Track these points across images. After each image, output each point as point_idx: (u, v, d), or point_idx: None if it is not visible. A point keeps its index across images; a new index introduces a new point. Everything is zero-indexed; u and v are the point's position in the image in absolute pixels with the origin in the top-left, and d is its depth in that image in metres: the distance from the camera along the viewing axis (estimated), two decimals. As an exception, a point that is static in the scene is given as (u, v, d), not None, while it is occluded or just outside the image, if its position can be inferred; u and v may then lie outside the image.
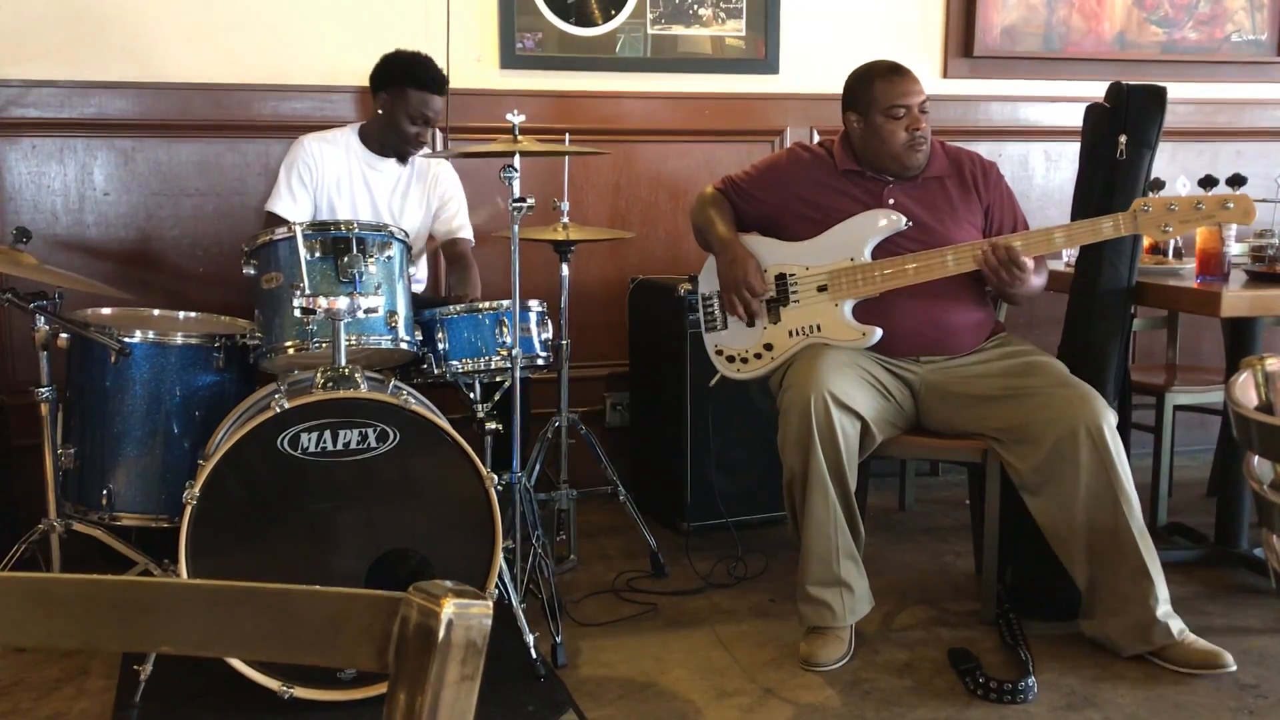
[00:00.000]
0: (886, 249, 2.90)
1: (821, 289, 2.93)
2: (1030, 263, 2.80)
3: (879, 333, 2.87)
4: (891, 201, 2.95)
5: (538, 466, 3.29)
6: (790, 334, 2.95)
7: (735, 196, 3.10)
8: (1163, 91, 3.06)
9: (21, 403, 3.12)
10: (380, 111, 3.30)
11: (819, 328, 2.92)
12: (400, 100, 3.24)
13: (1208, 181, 3.16)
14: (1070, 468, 2.66)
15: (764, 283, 2.95)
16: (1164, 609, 2.68)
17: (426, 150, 3.50)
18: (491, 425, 2.82)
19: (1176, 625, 2.68)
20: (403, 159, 3.35)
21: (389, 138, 3.31)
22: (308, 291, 2.49)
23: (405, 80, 3.24)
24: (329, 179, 3.31)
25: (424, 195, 3.43)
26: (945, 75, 4.24)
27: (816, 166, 3.05)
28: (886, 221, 2.90)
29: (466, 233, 3.47)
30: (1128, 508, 2.66)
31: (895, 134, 2.91)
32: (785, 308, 2.96)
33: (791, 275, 2.96)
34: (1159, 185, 3.16)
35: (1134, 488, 2.69)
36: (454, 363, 2.83)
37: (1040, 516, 2.73)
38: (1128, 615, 2.68)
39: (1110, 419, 2.69)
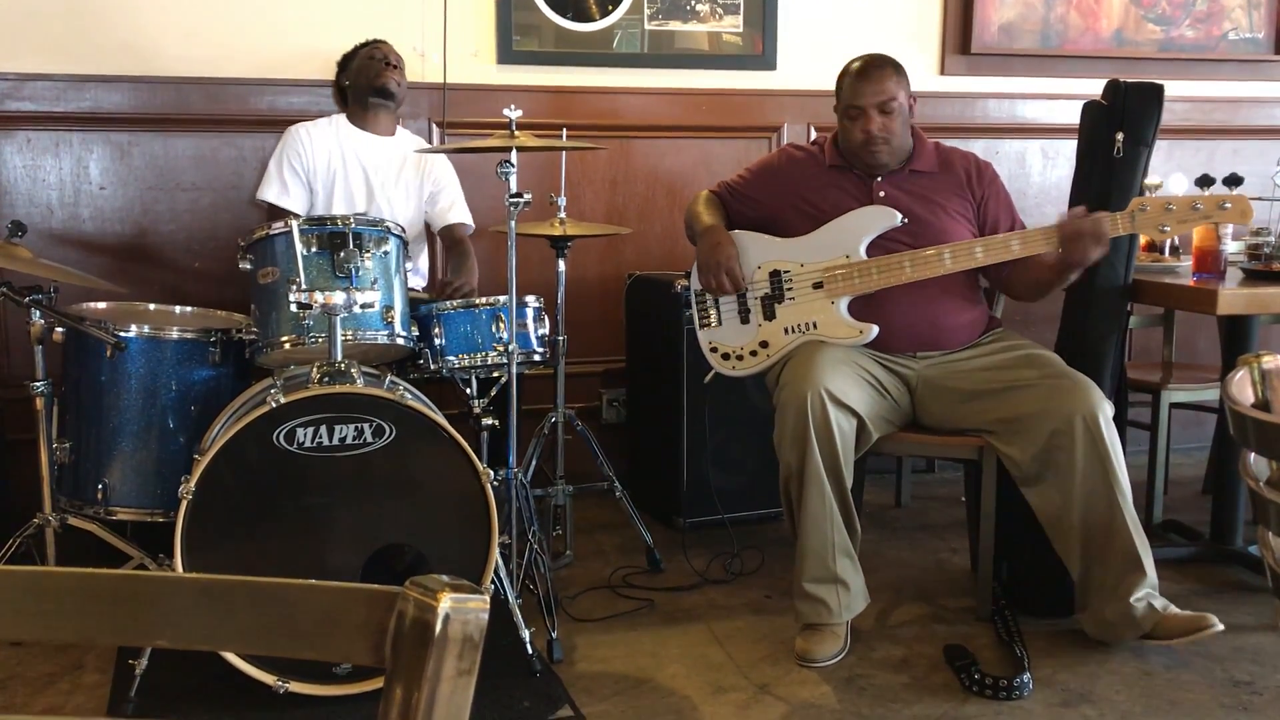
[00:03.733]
0: (881, 245, 2.90)
1: (817, 286, 2.92)
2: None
3: (875, 330, 2.87)
4: (883, 194, 2.95)
5: (534, 462, 3.28)
6: (786, 331, 2.94)
7: (731, 199, 3.11)
8: (1160, 89, 3.06)
9: (17, 397, 3.11)
10: (350, 88, 3.41)
11: (815, 325, 2.91)
12: (355, 65, 3.40)
13: (1204, 181, 3.16)
14: (1067, 458, 2.66)
15: (742, 271, 2.93)
16: (1150, 591, 2.70)
17: (424, 145, 3.51)
18: (488, 421, 2.82)
19: (1160, 602, 2.70)
20: (385, 95, 3.37)
21: (363, 96, 3.37)
22: (304, 286, 2.49)
23: (353, 54, 3.43)
24: (320, 162, 3.34)
25: (418, 178, 3.43)
26: (942, 72, 4.24)
27: (809, 164, 3.05)
28: (881, 218, 2.89)
29: (464, 218, 3.47)
30: (1122, 498, 2.67)
31: (851, 133, 2.95)
32: (780, 305, 2.96)
33: (786, 272, 2.95)
34: (1155, 186, 3.16)
35: (1128, 479, 2.70)
36: (450, 358, 2.83)
37: (1038, 508, 2.74)
38: (1118, 603, 2.69)
39: (1106, 409, 2.69)
